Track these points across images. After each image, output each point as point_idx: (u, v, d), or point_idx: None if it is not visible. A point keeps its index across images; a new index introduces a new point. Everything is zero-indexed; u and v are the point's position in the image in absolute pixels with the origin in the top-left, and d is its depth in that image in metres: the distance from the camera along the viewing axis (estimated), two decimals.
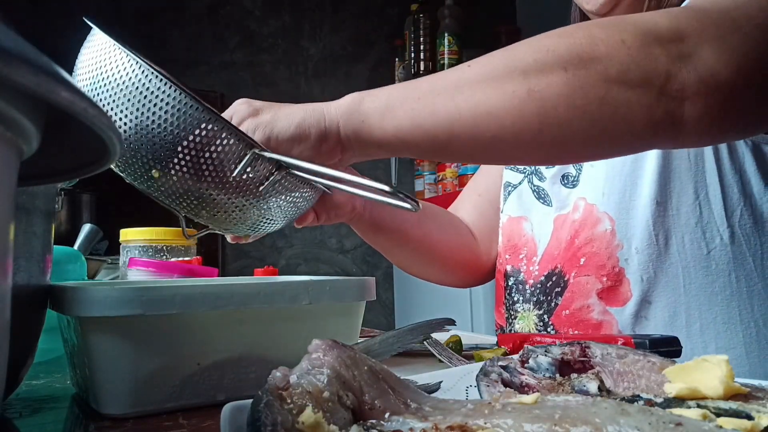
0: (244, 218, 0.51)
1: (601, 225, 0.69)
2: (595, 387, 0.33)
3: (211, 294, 0.41)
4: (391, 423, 0.28)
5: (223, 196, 0.47)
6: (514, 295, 0.78)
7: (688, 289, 0.64)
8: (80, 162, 0.27)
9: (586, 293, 0.68)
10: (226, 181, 0.46)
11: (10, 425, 0.39)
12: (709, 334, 0.64)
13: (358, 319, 0.51)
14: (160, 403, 0.41)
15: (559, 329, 0.70)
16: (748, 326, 0.64)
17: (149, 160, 0.45)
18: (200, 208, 0.49)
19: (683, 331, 0.64)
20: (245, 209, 0.49)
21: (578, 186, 0.73)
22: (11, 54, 0.16)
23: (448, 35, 2.51)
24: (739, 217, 0.64)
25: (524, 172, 0.82)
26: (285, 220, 0.55)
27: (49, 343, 0.51)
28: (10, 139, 0.21)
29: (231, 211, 0.49)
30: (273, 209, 0.51)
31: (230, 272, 2.43)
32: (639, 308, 0.65)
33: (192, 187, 0.47)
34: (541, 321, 0.73)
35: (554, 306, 0.71)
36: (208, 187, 0.47)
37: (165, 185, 0.47)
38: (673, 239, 0.65)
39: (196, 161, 0.45)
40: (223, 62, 2.51)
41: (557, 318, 0.71)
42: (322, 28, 2.72)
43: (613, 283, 0.66)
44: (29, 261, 0.40)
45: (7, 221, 0.22)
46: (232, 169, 0.46)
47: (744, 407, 0.27)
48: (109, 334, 0.39)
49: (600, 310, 0.67)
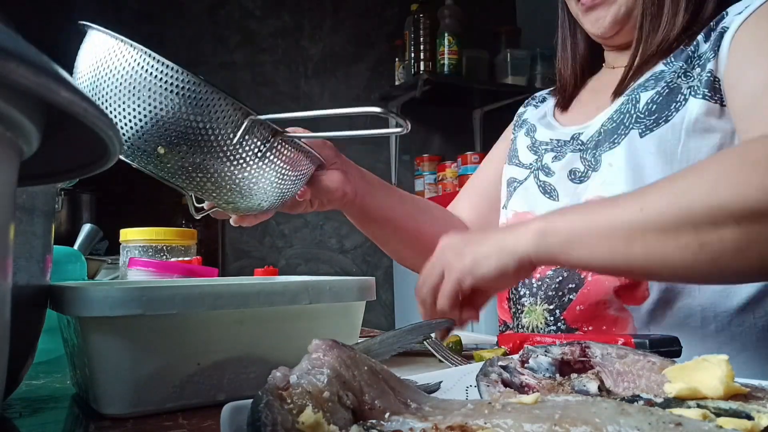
0: (249, 188, 0.53)
1: None
2: (595, 387, 0.33)
3: (211, 294, 0.41)
4: (391, 423, 0.28)
5: (227, 165, 0.50)
6: (520, 289, 0.78)
7: (703, 293, 0.65)
8: (80, 162, 0.27)
9: (604, 290, 0.69)
10: (228, 149, 0.49)
11: (10, 425, 0.39)
12: (724, 336, 0.64)
13: (358, 319, 0.51)
14: (160, 403, 0.41)
15: (572, 324, 0.71)
16: (762, 330, 0.65)
17: (155, 138, 0.48)
18: (206, 180, 0.50)
19: (698, 332, 0.65)
20: (248, 177, 0.52)
21: (590, 181, 0.73)
22: (11, 54, 0.16)
23: (448, 35, 2.51)
24: None
25: (530, 168, 0.83)
26: (286, 192, 0.57)
27: (49, 343, 0.52)
28: (10, 139, 0.21)
29: (236, 180, 0.51)
30: (275, 176, 0.53)
31: (230, 272, 2.43)
32: (655, 307, 0.66)
33: (197, 159, 0.49)
34: (552, 316, 0.73)
35: (567, 302, 0.72)
36: (213, 158, 0.49)
37: (171, 161, 0.49)
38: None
39: (199, 133, 0.48)
40: (223, 62, 2.51)
41: (570, 313, 0.71)
42: (322, 28, 2.72)
43: (630, 282, 0.67)
44: (29, 261, 0.40)
45: (7, 221, 0.22)
46: (231, 138, 0.49)
47: (744, 407, 0.27)
48: (109, 334, 0.39)
49: (617, 307, 0.68)
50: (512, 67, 2.61)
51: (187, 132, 0.47)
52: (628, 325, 0.67)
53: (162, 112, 0.47)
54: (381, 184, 0.81)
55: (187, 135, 0.48)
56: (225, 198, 0.53)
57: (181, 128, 0.47)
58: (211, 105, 0.47)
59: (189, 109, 0.47)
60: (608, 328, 0.68)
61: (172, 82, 0.47)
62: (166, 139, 0.47)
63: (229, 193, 0.52)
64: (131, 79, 0.47)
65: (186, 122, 0.47)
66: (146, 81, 0.47)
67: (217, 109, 0.48)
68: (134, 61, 0.47)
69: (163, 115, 0.47)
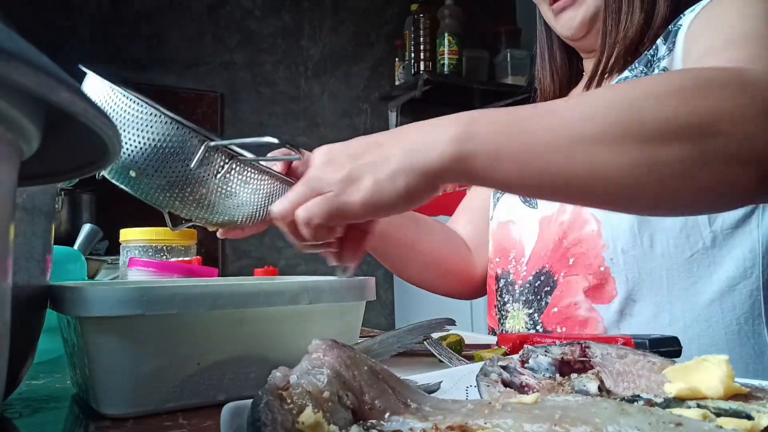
0: (215, 207, 0.56)
1: (588, 226, 0.70)
2: (595, 387, 0.33)
3: (211, 294, 0.41)
4: (391, 423, 0.28)
5: (190, 187, 0.54)
6: (504, 296, 0.80)
7: (671, 290, 0.66)
8: (80, 162, 0.27)
9: (574, 291, 0.70)
10: (189, 174, 0.53)
11: (10, 425, 0.39)
12: (692, 332, 0.65)
13: (358, 320, 0.51)
14: (160, 402, 0.41)
15: (548, 327, 0.72)
16: (730, 325, 0.66)
17: (126, 163, 0.52)
18: (173, 200, 0.54)
19: (667, 329, 0.65)
20: (213, 198, 0.55)
21: None
22: (11, 54, 0.16)
23: (448, 35, 2.51)
24: (721, 222, 0.66)
25: None
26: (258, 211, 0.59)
27: (49, 343, 0.51)
28: (10, 139, 0.21)
29: (202, 200, 0.55)
30: (240, 197, 0.56)
31: (230, 272, 2.43)
32: (624, 306, 0.67)
33: (163, 181, 0.53)
34: (531, 320, 0.75)
35: (544, 305, 0.73)
36: (176, 181, 0.53)
37: (142, 183, 0.53)
38: (658, 242, 0.67)
39: (162, 158, 0.52)
40: (223, 62, 2.51)
41: (547, 316, 0.73)
42: (322, 28, 2.72)
43: (599, 282, 0.68)
44: (29, 261, 0.40)
45: (7, 221, 0.22)
46: (189, 163, 0.53)
47: (744, 407, 0.27)
48: (109, 334, 0.39)
49: (587, 308, 0.69)
50: (512, 67, 2.61)
51: (150, 157, 0.52)
52: (598, 325, 0.68)
53: (126, 139, 0.52)
54: None
55: (150, 160, 0.52)
56: (196, 215, 0.57)
57: (145, 154, 0.52)
58: (168, 133, 0.52)
59: (149, 136, 0.52)
60: (580, 330, 0.69)
61: (132, 113, 0.51)
62: (136, 163, 0.52)
63: (198, 211, 0.56)
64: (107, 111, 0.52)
65: (148, 149, 0.52)
66: (114, 113, 0.52)
67: (174, 136, 0.52)
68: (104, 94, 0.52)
69: (127, 143, 0.52)
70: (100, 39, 2.25)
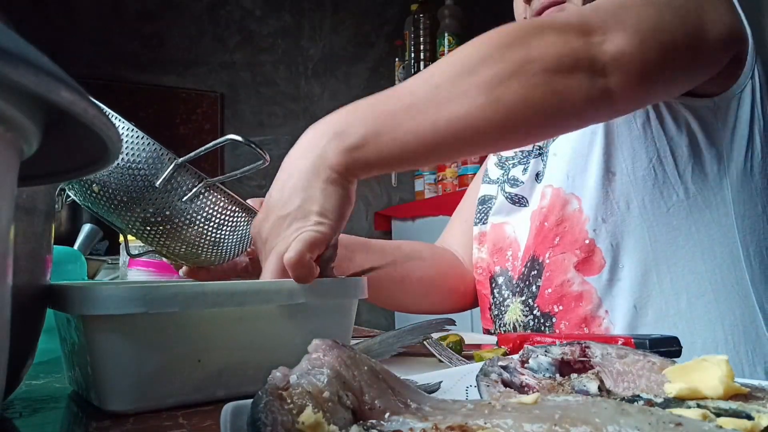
0: (177, 233, 0.53)
1: (570, 205, 0.73)
2: (595, 387, 0.33)
3: (211, 293, 0.42)
4: (391, 423, 0.28)
5: (151, 208, 0.51)
6: (504, 292, 0.81)
7: (654, 246, 0.69)
8: (80, 162, 0.27)
9: (564, 269, 0.72)
10: (152, 191, 0.50)
11: (10, 425, 0.39)
12: (680, 285, 0.68)
13: (350, 319, 0.52)
14: (162, 399, 0.41)
15: (544, 309, 0.74)
16: (713, 272, 0.68)
17: (91, 177, 0.49)
18: (134, 220, 0.51)
19: (657, 287, 0.68)
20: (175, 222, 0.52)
21: (545, 177, 0.78)
22: (11, 54, 0.16)
23: (448, 35, 2.51)
24: (691, 173, 0.70)
25: (497, 182, 0.88)
26: (224, 246, 0.56)
27: (49, 343, 0.52)
28: (10, 139, 0.21)
29: (163, 224, 0.52)
30: (205, 225, 0.53)
31: None
32: (612, 273, 0.70)
33: (124, 198, 0.50)
34: (527, 306, 0.76)
35: (536, 289, 0.75)
36: (139, 199, 0.50)
37: (103, 198, 0.50)
38: (634, 203, 0.70)
39: (126, 174, 0.49)
40: (223, 62, 2.51)
41: (541, 299, 0.74)
42: (322, 28, 2.72)
43: (586, 255, 0.71)
44: (29, 261, 0.41)
45: (7, 221, 0.22)
46: (154, 181, 0.50)
47: (744, 407, 0.27)
48: (112, 332, 0.39)
49: (579, 282, 0.71)
50: None
51: (114, 171, 0.49)
52: (592, 296, 0.71)
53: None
54: (359, 245, 0.81)
55: (114, 174, 0.49)
56: (156, 241, 0.54)
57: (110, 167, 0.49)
58: (138, 146, 0.49)
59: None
60: (576, 304, 0.71)
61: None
62: (100, 177, 0.49)
63: (159, 237, 0.53)
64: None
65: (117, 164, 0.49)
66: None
67: (143, 150, 0.49)
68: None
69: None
70: (100, 39, 2.25)
